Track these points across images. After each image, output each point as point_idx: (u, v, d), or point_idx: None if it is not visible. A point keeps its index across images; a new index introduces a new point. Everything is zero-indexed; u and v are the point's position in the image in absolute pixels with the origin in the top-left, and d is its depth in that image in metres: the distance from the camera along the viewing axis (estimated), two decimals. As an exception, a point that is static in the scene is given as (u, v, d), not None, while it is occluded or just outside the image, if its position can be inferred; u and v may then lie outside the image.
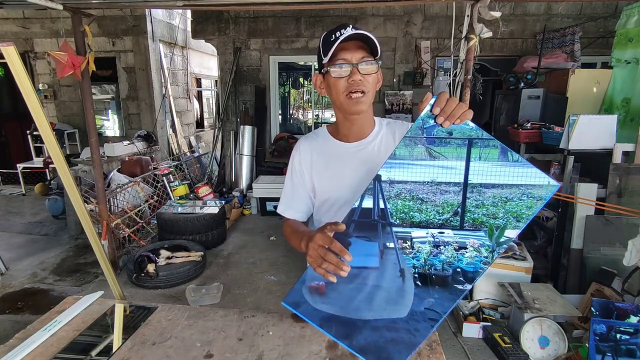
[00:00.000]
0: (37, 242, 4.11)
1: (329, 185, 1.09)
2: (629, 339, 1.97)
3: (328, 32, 0.98)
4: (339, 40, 0.93)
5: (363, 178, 1.03)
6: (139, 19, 5.70)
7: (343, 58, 0.96)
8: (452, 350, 2.37)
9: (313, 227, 1.20)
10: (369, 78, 0.97)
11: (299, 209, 1.14)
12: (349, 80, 0.96)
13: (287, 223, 1.14)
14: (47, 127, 1.70)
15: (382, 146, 1.07)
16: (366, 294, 0.85)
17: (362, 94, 0.97)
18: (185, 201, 4.48)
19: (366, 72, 0.97)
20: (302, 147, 1.14)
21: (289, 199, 1.15)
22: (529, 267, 2.71)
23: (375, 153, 1.06)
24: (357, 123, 1.06)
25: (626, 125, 3.32)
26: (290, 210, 1.14)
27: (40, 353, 1.01)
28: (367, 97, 0.99)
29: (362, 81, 0.96)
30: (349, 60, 0.96)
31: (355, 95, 0.97)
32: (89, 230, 1.99)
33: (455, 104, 0.76)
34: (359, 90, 0.96)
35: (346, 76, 0.96)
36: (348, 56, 0.96)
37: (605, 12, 4.86)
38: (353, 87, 0.96)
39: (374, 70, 0.98)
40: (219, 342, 1.06)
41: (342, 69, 0.96)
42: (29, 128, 5.88)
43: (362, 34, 0.94)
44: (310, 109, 8.56)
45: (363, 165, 1.05)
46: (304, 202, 1.14)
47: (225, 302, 2.94)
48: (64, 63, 2.73)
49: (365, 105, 0.99)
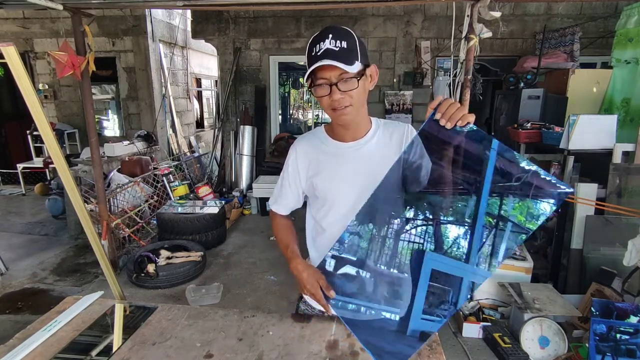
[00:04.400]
0: (37, 242, 4.11)
1: (327, 183, 1.10)
2: (629, 339, 1.97)
3: (312, 40, 0.98)
4: (315, 65, 0.93)
5: (360, 176, 1.06)
6: (139, 19, 5.70)
7: (322, 77, 0.96)
8: (452, 350, 2.37)
9: (311, 225, 1.21)
10: (351, 93, 0.97)
11: (283, 204, 1.23)
12: (331, 99, 0.98)
13: (276, 218, 1.26)
14: (47, 127, 1.70)
15: (378, 146, 1.09)
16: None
17: (345, 108, 0.99)
18: (185, 201, 4.48)
19: (346, 88, 0.96)
20: (299, 148, 1.16)
21: (277, 194, 1.23)
22: (529, 267, 2.71)
23: (371, 152, 1.08)
24: (350, 127, 1.08)
25: (626, 125, 3.31)
26: (276, 205, 1.24)
27: (40, 353, 1.01)
28: (352, 109, 1.00)
29: (343, 98, 0.97)
30: (328, 80, 0.96)
31: (340, 110, 0.99)
32: (89, 230, 1.99)
33: (455, 107, 0.81)
34: (341, 107, 0.98)
35: (327, 94, 0.98)
36: (327, 75, 0.96)
37: (605, 12, 4.86)
38: (335, 105, 0.98)
39: (354, 85, 0.97)
40: (219, 342, 1.06)
41: (322, 89, 0.98)
42: (29, 128, 5.88)
43: (331, 60, 0.92)
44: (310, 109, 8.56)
45: (360, 164, 1.07)
46: (289, 199, 1.21)
47: (225, 302, 2.94)
48: (64, 63, 2.73)
49: (351, 116, 1.01)
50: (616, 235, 2.67)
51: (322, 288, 0.99)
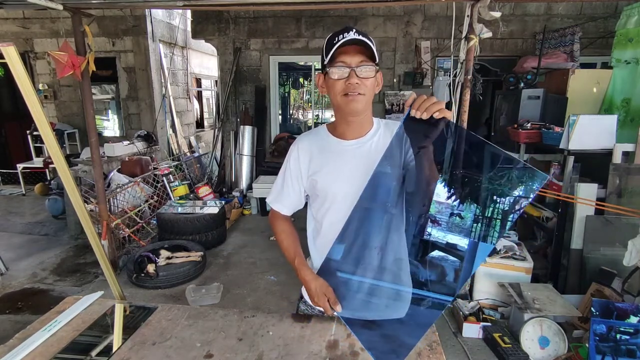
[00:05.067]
0: (37, 242, 4.11)
1: (329, 180, 1.11)
2: (629, 339, 1.97)
3: (333, 34, 1.02)
4: (339, 44, 0.97)
5: (361, 174, 1.06)
6: (139, 19, 5.70)
7: (342, 61, 0.99)
8: (452, 350, 2.37)
9: (312, 225, 1.21)
10: (366, 82, 1.00)
11: (285, 204, 1.20)
12: (347, 83, 1.00)
13: (277, 221, 1.23)
14: (47, 127, 1.70)
15: (379, 144, 1.09)
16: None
17: (358, 95, 1.01)
18: (185, 201, 4.48)
19: (364, 75, 0.99)
20: (301, 145, 1.16)
21: (278, 192, 1.20)
22: (529, 267, 2.72)
23: (373, 151, 1.08)
24: (355, 123, 1.09)
25: (626, 126, 3.31)
26: (278, 204, 1.21)
27: (40, 353, 1.01)
28: (364, 98, 1.02)
29: (359, 84, 0.99)
30: (347, 64, 0.99)
31: (352, 96, 1.01)
32: (89, 230, 1.99)
33: (430, 102, 0.86)
34: (355, 92, 1.00)
35: (344, 78, 1.00)
36: (347, 59, 0.99)
37: (605, 12, 4.86)
38: (350, 89, 1.00)
39: (372, 74, 1.00)
40: (219, 342, 1.06)
41: (340, 71, 1.00)
42: (29, 128, 5.88)
43: (361, 40, 0.97)
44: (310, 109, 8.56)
45: (361, 162, 1.08)
46: (291, 198, 1.19)
47: (225, 302, 2.94)
48: (64, 63, 2.73)
49: (361, 105, 1.02)
50: (616, 235, 2.67)
51: (329, 301, 1.03)
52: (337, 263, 1.03)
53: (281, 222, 1.23)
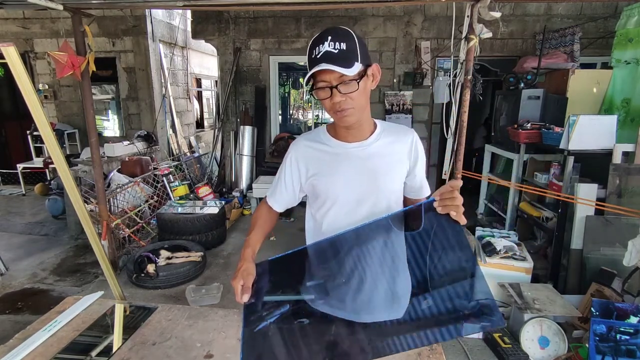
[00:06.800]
0: (37, 242, 4.11)
1: (329, 183, 1.10)
2: (629, 339, 1.97)
3: (311, 43, 0.98)
4: (314, 69, 0.94)
5: (362, 177, 1.06)
6: (139, 19, 5.70)
7: (322, 80, 0.96)
8: (452, 350, 2.37)
9: (311, 225, 1.21)
10: (352, 95, 0.97)
11: (277, 200, 1.22)
12: (332, 102, 0.98)
13: (262, 208, 1.25)
14: (47, 127, 1.70)
15: (382, 148, 1.09)
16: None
17: (347, 110, 0.99)
18: (185, 201, 4.48)
19: (347, 91, 0.96)
20: (300, 147, 1.15)
21: (273, 189, 1.23)
22: (529, 268, 2.71)
23: (375, 154, 1.08)
24: (354, 128, 1.08)
25: (626, 126, 3.31)
26: (271, 199, 1.24)
27: (40, 353, 1.01)
28: (354, 111, 1.00)
29: (344, 101, 0.97)
30: (328, 82, 0.96)
31: (341, 113, 0.99)
32: (89, 230, 1.99)
33: (454, 202, 0.88)
34: (342, 109, 0.98)
35: (329, 97, 0.98)
36: (327, 78, 0.96)
37: (605, 12, 4.86)
38: (336, 107, 0.99)
39: (354, 88, 0.96)
40: (219, 342, 1.06)
41: (324, 92, 0.98)
42: (29, 128, 5.88)
43: (333, 56, 0.92)
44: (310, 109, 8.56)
45: (363, 165, 1.07)
46: (283, 196, 1.21)
47: (225, 302, 2.94)
48: (63, 63, 2.73)
49: (353, 117, 1.01)
50: (616, 236, 2.67)
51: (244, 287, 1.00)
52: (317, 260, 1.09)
53: (265, 210, 1.24)
